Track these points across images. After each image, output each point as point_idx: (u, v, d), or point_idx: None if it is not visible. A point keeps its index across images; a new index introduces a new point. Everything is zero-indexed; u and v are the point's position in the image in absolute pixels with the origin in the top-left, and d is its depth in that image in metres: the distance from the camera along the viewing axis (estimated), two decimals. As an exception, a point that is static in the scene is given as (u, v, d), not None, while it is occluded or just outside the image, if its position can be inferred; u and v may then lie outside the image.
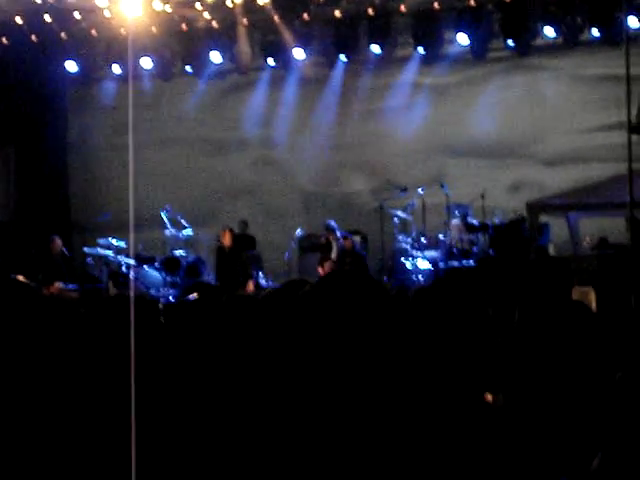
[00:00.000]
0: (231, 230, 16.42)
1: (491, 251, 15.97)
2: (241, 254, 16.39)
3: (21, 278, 14.49)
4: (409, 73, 18.08)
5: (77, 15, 16.89)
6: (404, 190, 16.87)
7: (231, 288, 15.01)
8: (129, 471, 3.35)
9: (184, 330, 4.55)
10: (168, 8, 16.58)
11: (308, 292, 3.95)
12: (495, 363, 4.06)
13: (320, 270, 16.10)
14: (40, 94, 18.41)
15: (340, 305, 3.86)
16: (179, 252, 17.12)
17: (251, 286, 15.74)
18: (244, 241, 17.32)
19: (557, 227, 16.15)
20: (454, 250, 16.16)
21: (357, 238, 17.06)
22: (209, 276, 16.85)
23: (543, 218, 16.01)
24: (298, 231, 17.16)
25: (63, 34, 17.50)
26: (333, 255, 16.49)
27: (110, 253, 16.73)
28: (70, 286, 15.76)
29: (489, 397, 3.79)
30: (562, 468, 3.64)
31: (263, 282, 16.26)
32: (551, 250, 15.89)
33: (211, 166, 19.17)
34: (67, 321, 4.57)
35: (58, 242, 16.48)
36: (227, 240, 16.23)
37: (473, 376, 3.88)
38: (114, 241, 16.65)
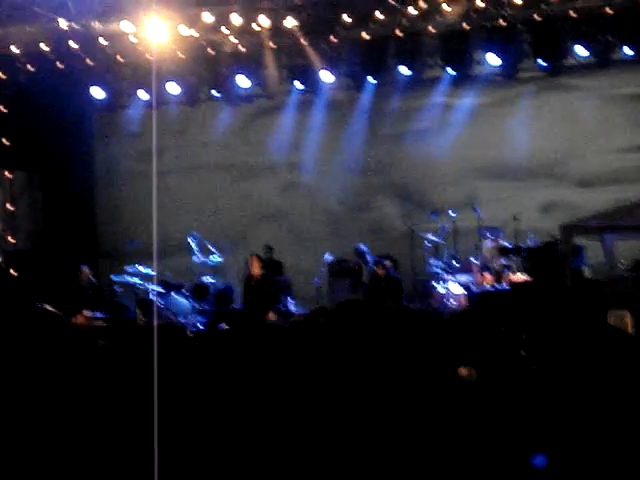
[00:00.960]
0: (258, 257, 16.25)
1: (525, 275, 15.73)
2: (268, 281, 16.22)
3: (48, 307, 14.44)
4: (438, 94, 17.91)
5: (103, 41, 16.85)
6: (435, 213, 16.71)
7: (259, 316, 14.91)
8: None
9: (214, 358, 4.42)
10: (194, 33, 16.49)
11: (330, 321, 3.91)
12: (530, 391, 3.89)
13: (350, 297, 15.93)
14: (66, 120, 18.40)
15: (363, 334, 3.80)
16: (207, 279, 17.03)
17: (271, 315, 15.51)
18: (271, 267, 17.18)
19: (592, 249, 15.92)
20: (486, 273, 15.95)
21: (387, 262, 16.85)
22: (238, 303, 16.71)
23: (577, 240, 15.78)
24: (327, 256, 17.01)
25: (89, 60, 17.45)
26: (364, 279, 16.34)
27: (138, 280, 16.65)
28: (98, 314, 15.67)
29: (463, 371, 3.66)
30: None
31: (293, 308, 16.09)
32: (586, 272, 15.67)
33: (239, 191, 19.10)
34: (92, 351, 4.47)
35: (86, 271, 16.48)
36: (255, 267, 16.05)
37: (507, 401, 3.77)
38: (142, 268, 16.58)
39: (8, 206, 17.93)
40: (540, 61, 16.80)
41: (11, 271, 17.46)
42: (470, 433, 3.63)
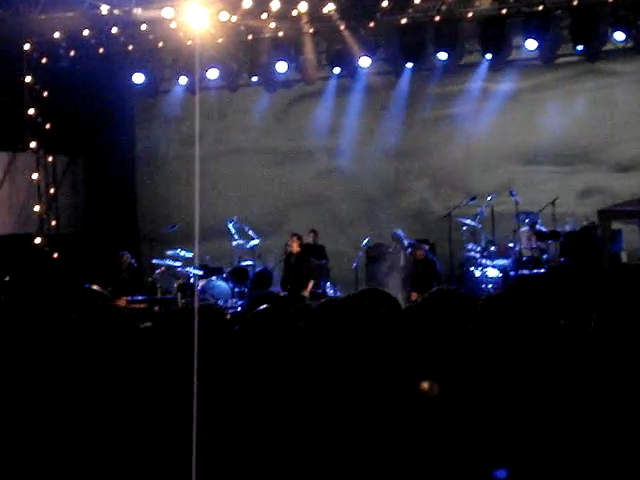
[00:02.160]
0: (299, 237, 16.41)
1: (562, 259, 15.74)
2: (309, 261, 16.38)
3: (96, 287, 14.69)
4: (477, 80, 17.88)
5: (144, 27, 16.97)
6: (473, 198, 16.73)
7: (295, 295, 15.08)
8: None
9: (252, 340, 4.50)
10: (234, 19, 16.58)
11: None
12: (567, 373, 3.94)
13: (388, 280, 16.02)
14: (108, 106, 18.57)
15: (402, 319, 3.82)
16: (246, 262, 17.16)
17: (306, 291, 15.71)
18: (314, 250, 17.31)
19: (629, 234, 15.89)
20: (524, 258, 15.97)
21: (425, 246, 16.89)
22: (277, 286, 16.85)
23: (615, 225, 15.75)
24: (365, 240, 17.08)
25: (130, 46, 17.60)
26: (401, 264, 16.39)
27: (178, 264, 16.82)
28: (138, 297, 15.87)
29: (424, 385, 3.69)
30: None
31: (331, 292, 16.20)
32: (624, 257, 15.64)
33: (277, 176, 19.17)
34: (137, 332, 4.57)
35: (127, 257, 16.63)
36: (295, 247, 16.23)
37: (542, 386, 3.79)
38: (182, 252, 16.74)
39: (50, 190, 18.11)
40: (579, 47, 16.71)
41: (54, 254, 17.67)
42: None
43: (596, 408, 3.71)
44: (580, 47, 16.69)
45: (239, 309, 15.68)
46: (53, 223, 18.08)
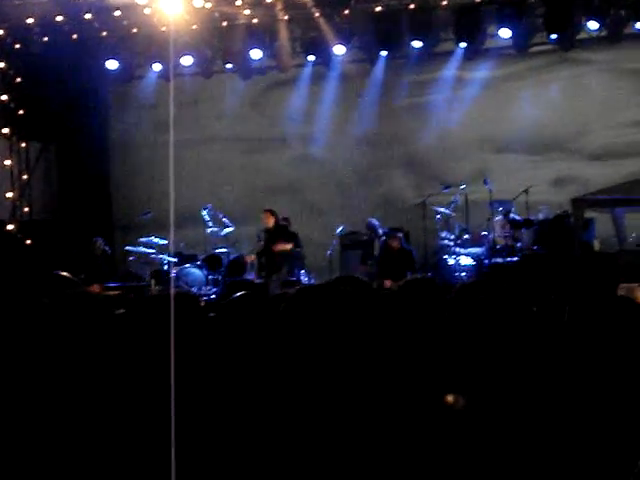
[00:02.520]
0: (272, 212, 16.46)
1: (535, 247, 15.81)
2: (283, 230, 16.50)
3: (65, 274, 14.59)
4: (451, 68, 17.91)
5: (118, 13, 16.87)
6: (447, 186, 16.77)
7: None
8: (168, 469, 3.32)
9: (229, 327, 4.50)
10: (208, 5, 16.51)
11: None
12: (540, 361, 3.96)
13: (362, 268, 16.07)
14: (81, 92, 18.43)
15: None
16: (221, 250, 17.14)
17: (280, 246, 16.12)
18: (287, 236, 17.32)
19: (602, 222, 15.99)
20: (498, 246, 16.03)
21: (399, 235, 16.92)
22: (250, 274, 16.85)
23: (588, 213, 15.84)
24: (339, 228, 17.09)
25: (104, 32, 17.49)
26: (375, 252, 16.43)
27: (152, 251, 16.79)
28: (112, 285, 15.82)
29: (449, 399, 3.69)
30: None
31: (305, 279, 16.21)
32: (596, 246, 15.71)
33: (251, 163, 19.16)
34: (109, 319, 4.55)
35: (100, 243, 16.57)
36: (270, 221, 16.31)
37: (516, 374, 3.82)
38: (156, 239, 16.71)
39: (23, 176, 18.01)
40: (552, 35, 16.75)
41: (26, 241, 17.57)
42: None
43: (570, 396, 3.73)
44: (554, 36, 16.72)
45: (213, 296, 15.67)
46: (26, 209, 17.99)
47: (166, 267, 16.72)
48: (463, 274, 15.84)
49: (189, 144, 18.87)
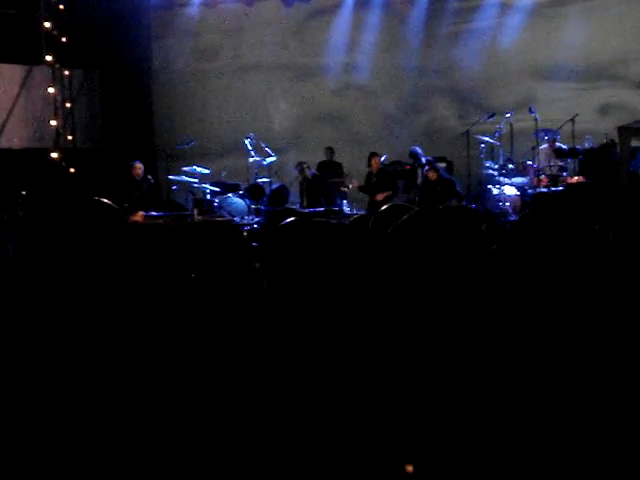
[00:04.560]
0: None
1: (581, 176, 15.66)
2: (325, 181, 16.46)
3: (106, 201, 14.59)
4: (497, -6, 17.73)
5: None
6: (492, 115, 16.59)
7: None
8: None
9: (270, 255, 4.46)
10: None
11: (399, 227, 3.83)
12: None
13: (405, 197, 16.04)
14: (124, 20, 18.36)
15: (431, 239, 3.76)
16: (263, 179, 17.14)
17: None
18: (332, 168, 17.32)
19: (649, 151, 15.78)
20: (542, 176, 15.88)
21: (442, 164, 16.82)
22: (293, 204, 16.87)
23: (635, 142, 15.62)
24: (382, 157, 17.00)
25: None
26: (418, 181, 16.38)
27: (194, 180, 16.80)
28: (154, 214, 15.86)
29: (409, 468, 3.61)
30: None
31: (347, 209, 16.19)
32: (642, 175, 15.53)
33: (294, 92, 19.04)
34: (153, 246, 4.51)
35: (139, 167, 16.43)
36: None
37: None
38: (199, 168, 16.72)
39: (66, 104, 18.02)
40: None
41: (70, 169, 17.65)
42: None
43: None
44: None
45: (255, 226, 15.70)
46: (69, 138, 18.01)
47: (209, 196, 16.75)
48: (507, 204, 15.73)
49: (231, 72, 18.83)
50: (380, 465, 3.26)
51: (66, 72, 17.91)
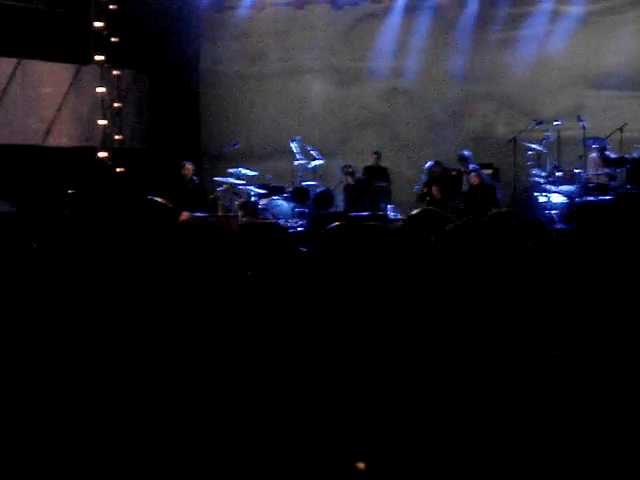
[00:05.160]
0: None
1: (629, 186, 15.54)
2: (371, 186, 16.46)
3: (159, 200, 14.67)
4: (547, 1, 17.64)
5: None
6: (540, 122, 16.53)
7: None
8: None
9: (317, 258, 4.46)
10: None
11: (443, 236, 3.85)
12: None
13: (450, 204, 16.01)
14: (174, 21, 18.54)
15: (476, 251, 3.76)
16: (308, 183, 17.18)
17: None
18: (378, 173, 17.34)
19: (699, 162, 15.64)
20: (590, 185, 15.78)
21: (488, 171, 16.77)
22: (338, 207, 16.90)
23: (685, 152, 15.54)
24: (428, 163, 16.98)
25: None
26: (464, 188, 16.33)
27: (240, 182, 16.89)
28: (200, 214, 15.94)
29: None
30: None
31: (392, 214, 16.19)
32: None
33: (342, 96, 19.04)
34: (202, 246, 4.53)
35: (189, 167, 16.52)
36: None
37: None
38: (244, 170, 16.81)
39: (115, 104, 18.18)
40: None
41: (117, 168, 17.81)
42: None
43: None
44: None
45: (300, 229, 15.73)
46: (117, 137, 18.17)
47: (254, 198, 16.82)
48: (554, 212, 15.66)
49: (279, 75, 18.91)
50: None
51: (115, 72, 18.07)
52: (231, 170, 16.98)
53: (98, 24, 17.58)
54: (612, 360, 3.47)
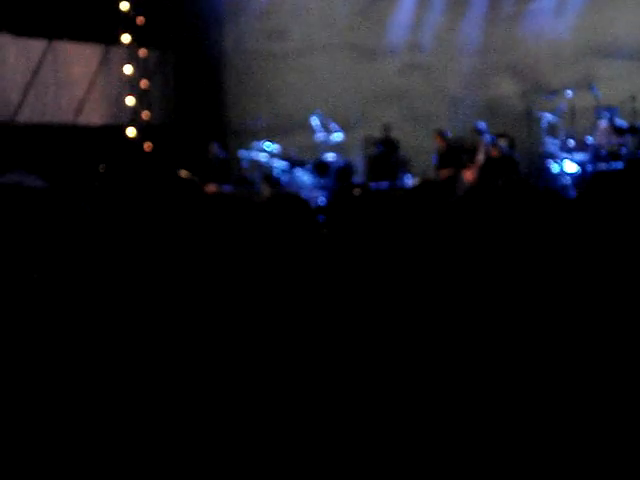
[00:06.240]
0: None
1: (640, 153, 15.80)
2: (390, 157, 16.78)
3: (184, 174, 15.15)
4: (559, -26, 17.82)
5: None
6: (553, 93, 16.76)
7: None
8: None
9: (338, 227, 4.72)
10: None
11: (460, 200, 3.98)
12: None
13: (466, 174, 16.29)
14: (197, 2, 18.85)
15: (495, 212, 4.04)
16: (329, 156, 17.52)
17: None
18: (387, 145, 17.59)
19: None
20: (602, 153, 16.04)
21: (503, 141, 16.99)
22: (358, 180, 17.21)
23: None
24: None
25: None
26: (480, 158, 16.57)
27: (264, 156, 17.27)
28: (226, 187, 16.37)
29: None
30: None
31: (410, 183, 16.50)
32: None
33: (360, 71, 19.26)
34: (228, 217, 4.62)
35: (215, 147, 17.10)
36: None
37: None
38: (268, 144, 17.18)
39: (142, 83, 18.52)
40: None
41: (145, 145, 18.18)
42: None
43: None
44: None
45: (321, 201, 16.06)
46: (145, 115, 18.52)
47: (277, 172, 17.19)
48: (568, 180, 15.93)
49: (299, 52, 19.10)
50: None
51: (142, 52, 18.40)
52: (255, 144, 17.36)
53: (124, 5, 17.87)
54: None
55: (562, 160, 16.18)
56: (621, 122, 16.18)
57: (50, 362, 3.59)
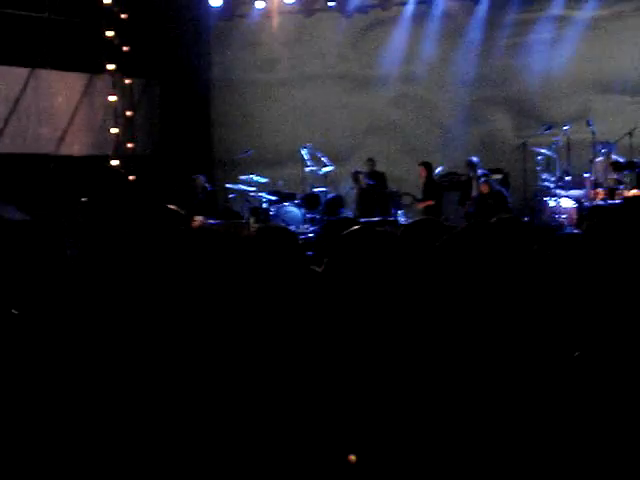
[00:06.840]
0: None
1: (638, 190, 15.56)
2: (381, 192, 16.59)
3: (173, 207, 14.76)
4: (556, 6, 17.65)
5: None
6: (549, 127, 16.58)
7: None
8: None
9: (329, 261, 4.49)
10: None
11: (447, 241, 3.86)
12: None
13: (460, 209, 16.07)
14: (185, 29, 18.65)
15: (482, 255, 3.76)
16: (319, 189, 17.27)
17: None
18: (374, 179, 17.37)
19: None
20: (599, 189, 15.82)
21: (498, 176, 16.80)
22: (348, 213, 16.96)
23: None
24: (438, 169, 17.05)
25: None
26: (473, 193, 16.37)
27: (252, 189, 17.01)
28: (211, 221, 16.05)
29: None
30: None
31: (402, 219, 16.27)
32: (702, 190, 15.40)
33: (352, 103, 19.09)
34: (215, 251, 4.54)
35: (201, 180, 16.80)
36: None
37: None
38: (255, 177, 16.93)
39: (127, 112, 18.28)
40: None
41: (129, 176, 17.87)
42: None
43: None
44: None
45: (311, 235, 15.82)
46: (129, 145, 18.27)
47: (265, 205, 16.93)
48: (564, 216, 15.68)
49: (289, 82, 19.01)
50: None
51: (127, 81, 18.19)
52: (243, 177, 17.11)
53: (109, 33, 17.69)
54: (619, 362, 3.45)
55: (558, 196, 15.93)
56: (619, 158, 15.95)
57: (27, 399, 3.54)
